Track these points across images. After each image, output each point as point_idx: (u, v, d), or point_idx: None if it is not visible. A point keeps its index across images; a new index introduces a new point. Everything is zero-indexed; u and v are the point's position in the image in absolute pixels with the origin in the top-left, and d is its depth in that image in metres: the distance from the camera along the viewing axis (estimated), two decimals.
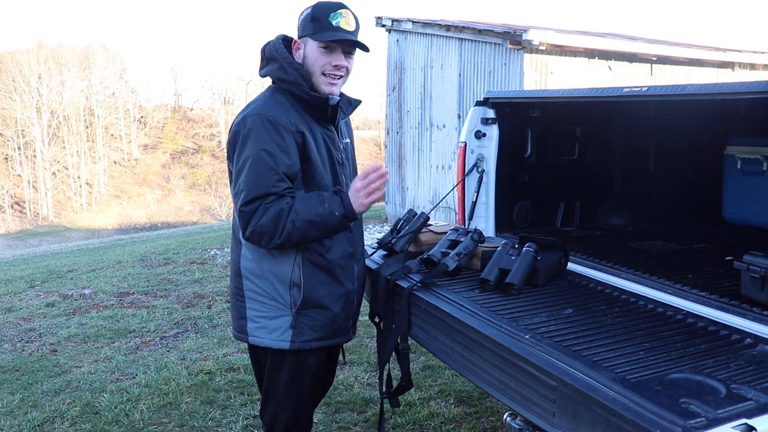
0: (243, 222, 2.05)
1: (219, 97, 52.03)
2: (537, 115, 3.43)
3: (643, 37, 11.09)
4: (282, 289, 2.14)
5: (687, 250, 3.13)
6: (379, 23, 11.36)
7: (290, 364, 2.19)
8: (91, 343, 4.82)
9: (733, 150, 3.42)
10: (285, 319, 2.15)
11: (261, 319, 2.17)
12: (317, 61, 2.13)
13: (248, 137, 2.05)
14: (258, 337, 2.18)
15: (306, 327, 2.16)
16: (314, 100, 2.14)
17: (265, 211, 2.01)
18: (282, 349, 2.16)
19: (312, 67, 2.14)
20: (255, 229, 2.02)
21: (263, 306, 2.17)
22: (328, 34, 2.09)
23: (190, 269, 7.55)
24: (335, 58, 2.13)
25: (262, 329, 2.17)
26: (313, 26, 2.11)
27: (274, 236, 2.02)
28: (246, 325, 2.20)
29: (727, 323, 2.00)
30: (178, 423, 3.43)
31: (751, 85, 1.98)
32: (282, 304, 2.15)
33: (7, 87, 42.36)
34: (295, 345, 2.16)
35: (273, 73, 2.18)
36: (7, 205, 40.42)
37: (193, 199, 43.48)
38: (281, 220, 2.01)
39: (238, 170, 2.06)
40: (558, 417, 1.60)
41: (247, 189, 2.02)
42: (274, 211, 2.01)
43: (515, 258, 2.40)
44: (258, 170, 2.02)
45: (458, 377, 3.80)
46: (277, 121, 2.05)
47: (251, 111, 2.10)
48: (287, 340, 2.15)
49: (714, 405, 1.39)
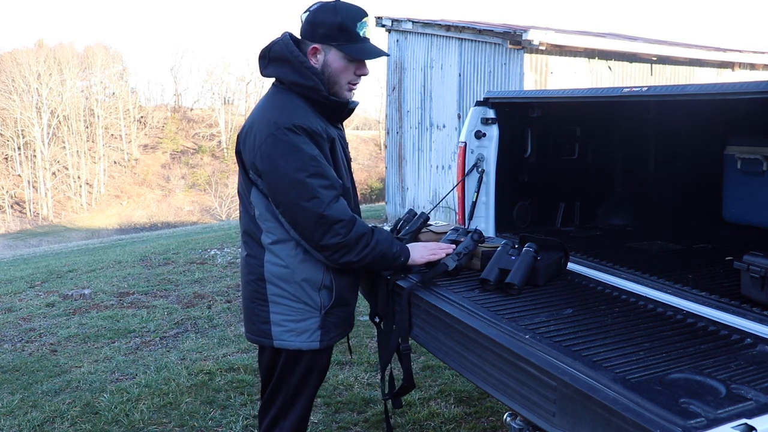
0: (322, 228, 2.03)
1: (219, 97, 52.06)
2: (537, 115, 3.43)
3: (643, 37, 11.09)
4: (312, 292, 2.16)
5: (687, 250, 3.13)
6: (379, 23, 11.36)
7: (305, 363, 2.22)
8: (91, 343, 4.82)
9: (733, 150, 3.42)
10: (313, 320, 2.17)
11: (288, 322, 2.17)
12: (344, 71, 2.13)
13: (291, 146, 2.01)
14: (285, 340, 2.17)
15: (332, 326, 2.22)
16: (335, 105, 2.15)
17: (351, 226, 2.06)
18: (311, 349, 2.19)
19: (336, 77, 2.13)
20: (341, 241, 2.05)
21: (290, 310, 2.16)
22: (360, 48, 2.10)
23: (190, 269, 7.55)
24: (360, 68, 2.16)
25: (290, 332, 2.17)
26: (341, 36, 2.08)
27: (351, 253, 2.09)
28: (270, 329, 2.18)
29: (727, 323, 2.00)
30: (178, 423, 3.43)
31: (751, 85, 1.98)
32: (311, 307, 2.17)
33: (6, 87, 42.35)
34: (324, 344, 2.20)
35: (287, 75, 2.11)
36: (7, 205, 40.43)
37: (193, 199, 43.48)
38: (362, 242, 2.10)
39: (291, 181, 2.01)
40: (558, 417, 1.60)
41: (321, 194, 2.02)
42: (360, 230, 2.09)
43: (515, 258, 2.40)
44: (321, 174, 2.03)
45: (458, 377, 3.80)
46: (312, 130, 2.05)
47: (280, 119, 2.04)
48: (317, 341, 2.18)
49: (714, 405, 1.39)
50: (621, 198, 3.89)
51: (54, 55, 45.55)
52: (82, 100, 46.15)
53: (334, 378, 3.90)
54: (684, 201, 3.83)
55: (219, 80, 52.61)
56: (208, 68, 65.66)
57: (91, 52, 48.10)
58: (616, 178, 3.93)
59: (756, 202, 3.30)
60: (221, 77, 52.52)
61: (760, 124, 3.36)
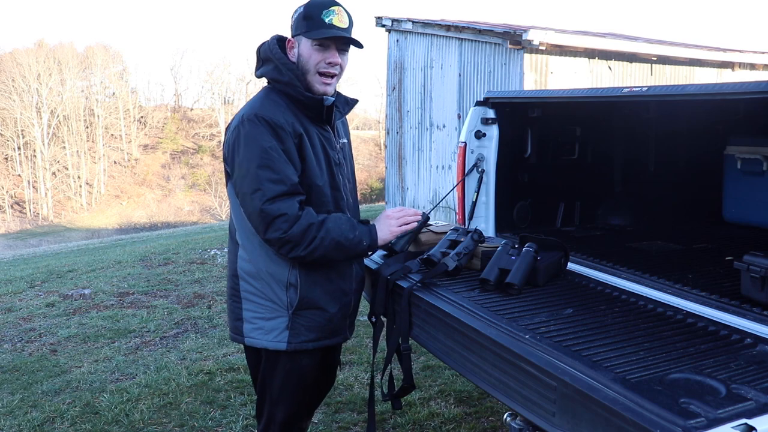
0: (264, 222, 2.01)
1: (219, 97, 52.02)
2: (537, 115, 3.43)
3: (643, 37, 11.09)
4: (279, 290, 2.13)
5: (687, 250, 3.13)
6: (379, 23, 11.36)
7: (284, 364, 2.18)
8: (91, 343, 4.82)
9: (733, 150, 3.42)
10: (281, 320, 2.14)
11: (257, 320, 2.16)
12: (312, 58, 2.12)
13: (249, 137, 2.04)
14: (254, 338, 2.17)
15: (302, 328, 2.15)
16: (309, 101, 2.13)
17: (294, 221, 2.00)
18: (278, 350, 2.15)
19: (306, 65, 2.13)
20: (282, 237, 2.00)
21: (259, 307, 2.15)
22: (322, 31, 2.09)
23: (190, 269, 7.55)
24: (330, 55, 2.13)
25: (259, 330, 2.15)
26: (306, 24, 2.11)
27: (298, 247, 2.02)
28: (242, 327, 2.18)
29: (727, 323, 2.00)
30: (178, 423, 3.43)
31: (751, 85, 1.98)
32: (278, 305, 2.14)
33: (6, 87, 42.32)
34: (292, 346, 2.14)
35: (268, 73, 2.17)
36: (7, 205, 40.41)
37: (193, 199, 43.46)
38: (309, 234, 2.02)
39: (245, 171, 2.03)
40: (558, 417, 1.60)
41: (265, 187, 1.99)
42: (305, 223, 2.02)
43: (515, 258, 2.40)
44: (270, 167, 2.01)
45: (458, 377, 3.80)
46: (275, 122, 2.05)
47: (248, 112, 2.09)
48: (284, 341, 2.14)
49: (714, 405, 1.39)
50: (621, 198, 3.89)
51: (54, 55, 45.52)
52: (82, 100, 46.12)
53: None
54: (684, 201, 3.83)
55: (219, 80, 52.62)
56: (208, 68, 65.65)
57: (91, 52, 48.08)
58: (616, 178, 3.93)
59: (756, 202, 3.30)
60: (221, 77, 52.54)
61: (760, 124, 3.37)
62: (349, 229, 2.11)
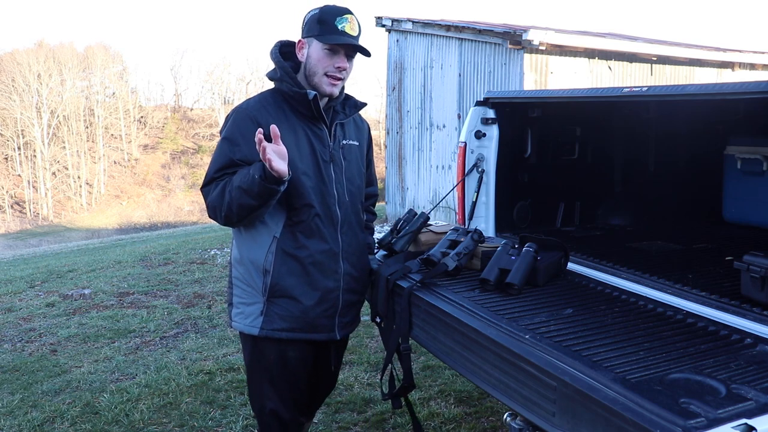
0: (205, 202, 2.18)
1: (219, 97, 51.99)
2: (537, 115, 3.43)
3: (643, 37, 11.09)
4: (256, 275, 2.22)
5: (687, 250, 3.13)
6: (379, 23, 11.36)
7: (257, 350, 2.27)
8: (91, 343, 4.82)
9: (733, 150, 3.42)
10: (257, 305, 2.23)
11: (241, 305, 2.28)
12: (321, 61, 2.20)
13: (222, 129, 2.23)
14: (236, 322, 2.28)
15: (276, 316, 2.21)
16: (295, 95, 2.21)
17: (215, 188, 2.15)
18: (251, 334, 2.24)
19: (315, 67, 2.21)
20: (209, 204, 2.16)
21: (243, 292, 2.26)
22: (335, 37, 2.17)
23: (190, 269, 7.56)
24: (338, 60, 2.20)
25: (240, 314, 2.27)
26: (319, 28, 2.19)
27: (221, 209, 2.12)
28: (231, 311, 2.32)
29: (727, 323, 2.01)
30: (178, 423, 3.43)
31: (751, 85, 1.98)
32: (256, 291, 2.23)
33: (6, 87, 42.30)
34: (264, 332, 2.21)
35: (270, 74, 2.30)
36: (7, 205, 40.40)
37: (193, 199, 43.40)
38: (224, 193, 2.11)
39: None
40: (558, 417, 1.60)
41: (207, 172, 2.19)
42: (221, 185, 2.13)
43: (515, 258, 2.40)
44: (217, 156, 2.18)
45: (458, 377, 3.80)
46: (247, 113, 2.18)
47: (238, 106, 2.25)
48: (257, 327, 2.22)
49: (714, 405, 1.39)
50: (621, 198, 3.89)
51: (54, 55, 45.48)
52: (82, 100, 46.08)
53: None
54: (684, 201, 3.83)
55: (219, 80, 52.60)
56: (208, 68, 65.52)
57: (91, 52, 48.06)
58: (616, 178, 3.93)
59: (756, 202, 3.30)
60: (221, 77, 52.51)
61: (760, 124, 3.37)
62: (246, 171, 2.07)
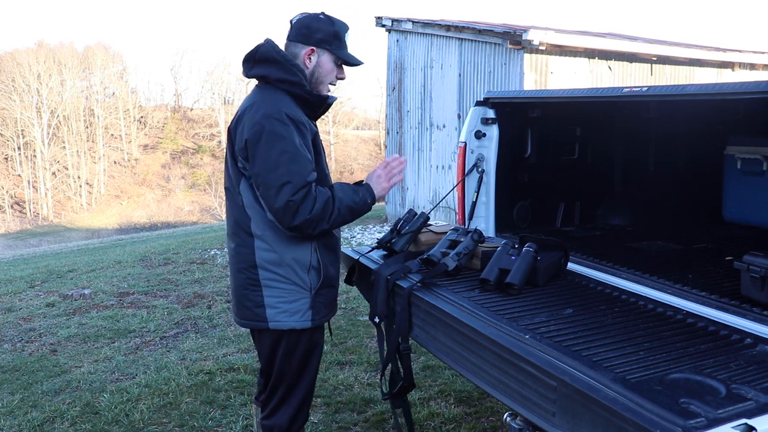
0: (290, 212, 2.15)
1: (219, 97, 51.95)
2: (537, 115, 3.43)
3: (643, 37, 11.09)
4: (302, 273, 2.28)
5: (687, 250, 3.13)
6: (379, 23, 11.36)
7: (306, 342, 2.35)
8: (91, 343, 4.82)
9: (733, 150, 3.42)
10: (304, 301, 2.30)
11: (281, 304, 2.29)
12: (331, 73, 2.37)
13: (278, 133, 2.16)
14: (279, 321, 2.29)
15: (321, 305, 2.34)
16: (316, 100, 2.33)
17: (314, 201, 2.17)
18: (303, 328, 2.30)
19: (323, 77, 2.36)
20: (309, 217, 2.17)
21: (283, 292, 2.29)
22: (351, 57, 2.39)
23: (190, 269, 7.56)
24: (342, 72, 2.42)
25: (283, 313, 2.29)
26: (336, 43, 2.35)
27: (322, 222, 2.21)
28: (264, 313, 2.29)
29: (727, 323, 2.01)
30: (178, 423, 3.43)
31: (751, 85, 1.98)
32: (302, 287, 2.29)
33: (6, 87, 42.28)
34: (315, 322, 2.32)
35: (273, 74, 2.28)
36: (7, 205, 40.39)
37: (193, 199, 43.43)
38: (328, 208, 2.21)
39: (272, 165, 2.15)
40: (558, 417, 1.60)
41: (294, 180, 2.14)
42: (322, 200, 2.20)
43: (515, 258, 2.40)
44: (299, 162, 2.16)
45: (458, 377, 3.80)
46: (298, 119, 2.21)
47: (269, 109, 2.19)
48: (308, 320, 2.30)
49: (714, 405, 1.39)
50: (621, 198, 3.89)
51: (54, 55, 45.47)
52: (82, 100, 46.05)
53: (334, 378, 3.90)
54: (684, 201, 3.83)
55: (219, 80, 52.53)
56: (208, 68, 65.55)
57: (91, 52, 48.03)
58: (616, 178, 3.93)
59: (756, 202, 3.29)
60: (221, 77, 52.45)
61: (760, 124, 3.36)
62: (353, 193, 2.31)
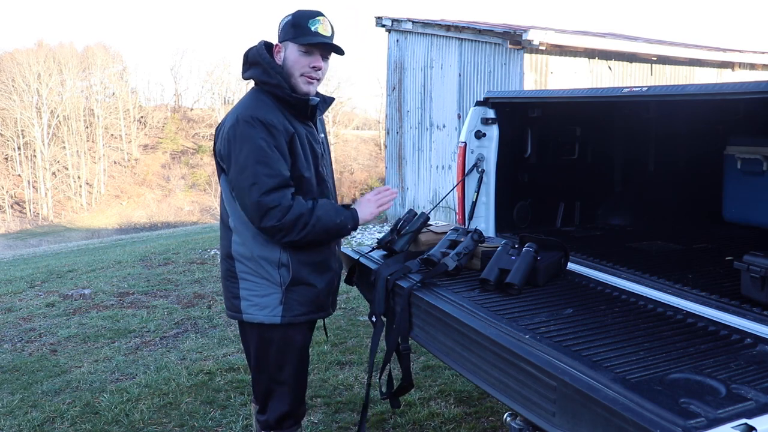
0: (259, 212, 2.17)
1: (219, 97, 51.94)
2: (537, 115, 3.44)
3: (643, 37, 11.09)
4: (271, 270, 2.29)
5: (687, 250, 3.13)
6: (379, 23, 11.36)
7: (279, 338, 2.35)
8: (91, 343, 4.82)
9: (733, 150, 3.42)
10: (275, 296, 2.31)
11: (253, 297, 2.33)
12: (297, 63, 2.30)
13: (246, 136, 2.20)
14: (251, 314, 2.33)
15: (295, 302, 2.32)
16: (295, 101, 2.31)
17: (286, 211, 2.17)
18: (272, 323, 2.31)
19: (292, 69, 2.31)
20: (277, 224, 2.17)
21: (255, 285, 2.32)
22: (308, 38, 2.27)
23: (190, 269, 7.56)
24: (313, 60, 2.31)
25: (254, 306, 2.32)
26: (293, 31, 2.29)
27: (291, 233, 2.20)
28: (239, 304, 2.35)
29: (727, 323, 2.01)
30: (178, 423, 3.43)
31: (751, 85, 1.98)
32: (272, 283, 2.30)
33: (6, 87, 42.27)
34: (285, 319, 2.31)
35: (257, 76, 2.32)
36: (7, 205, 40.38)
37: (193, 199, 43.43)
38: (300, 222, 2.20)
39: (242, 167, 2.19)
40: (558, 417, 1.60)
41: (261, 181, 2.16)
42: (296, 212, 2.19)
43: (515, 258, 2.40)
44: (266, 164, 2.17)
45: (458, 377, 3.80)
46: (268, 122, 2.21)
47: (243, 112, 2.24)
48: (278, 315, 2.31)
49: (714, 405, 1.39)
50: (621, 198, 3.89)
51: (54, 55, 45.47)
52: (82, 100, 46.04)
53: (334, 378, 3.90)
54: (684, 201, 3.83)
55: (219, 80, 52.52)
56: (208, 68, 65.60)
57: (91, 52, 48.02)
58: (616, 178, 3.93)
59: (756, 202, 3.29)
60: (221, 77, 52.44)
61: (760, 124, 3.36)
62: (335, 214, 2.30)
